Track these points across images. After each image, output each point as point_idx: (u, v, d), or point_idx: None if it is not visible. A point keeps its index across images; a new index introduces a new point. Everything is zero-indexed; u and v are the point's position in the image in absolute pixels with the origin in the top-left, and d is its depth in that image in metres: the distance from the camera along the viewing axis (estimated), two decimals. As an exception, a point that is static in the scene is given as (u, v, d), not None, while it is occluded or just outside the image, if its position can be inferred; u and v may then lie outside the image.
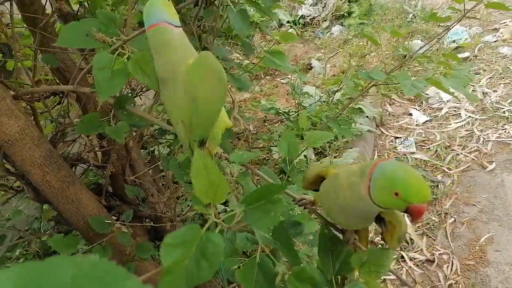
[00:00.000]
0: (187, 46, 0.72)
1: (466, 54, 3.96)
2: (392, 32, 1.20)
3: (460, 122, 3.27)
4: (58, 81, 1.28)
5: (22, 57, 1.21)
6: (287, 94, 3.69)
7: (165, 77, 0.72)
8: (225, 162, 0.94)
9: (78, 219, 1.11)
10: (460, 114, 3.35)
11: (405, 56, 1.58)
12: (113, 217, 1.39)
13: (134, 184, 1.43)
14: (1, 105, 0.89)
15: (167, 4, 0.70)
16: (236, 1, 0.98)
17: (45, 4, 1.09)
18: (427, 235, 2.43)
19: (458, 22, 1.49)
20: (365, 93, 1.34)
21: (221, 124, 0.76)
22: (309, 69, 4.17)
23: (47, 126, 1.41)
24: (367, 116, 3.20)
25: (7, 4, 1.00)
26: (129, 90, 1.52)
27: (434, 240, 2.39)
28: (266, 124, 3.14)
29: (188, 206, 1.86)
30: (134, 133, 1.34)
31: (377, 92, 2.60)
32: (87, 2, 1.21)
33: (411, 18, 4.84)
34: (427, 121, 3.37)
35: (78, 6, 1.21)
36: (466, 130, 3.16)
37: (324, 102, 2.97)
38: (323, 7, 5.02)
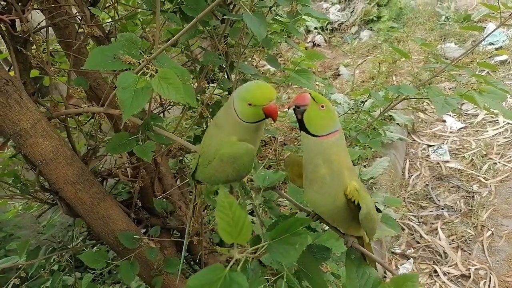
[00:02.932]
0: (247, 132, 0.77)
1: (504, 57, 3.78)
2: (422, 44, 1.16)
3: (498, 129, 3.12)
4: (90, 99, 1.33)
5: (57, 74, 1.26)
6: (315, 101, 3.65)
7: (215, 127, 0.81)
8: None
9: (107, 233, 1.14)
10: (497, 120, 3.20)
11: (437, 63, 1.52)
12: (142, 229, 1.42)
13: (162, 198, 1.45)
14: (37, 127, 0.93)
15: (245, 105, 0.73)
16: (252, 4, 0.97)
17: (78, 28, 1.14)
18: (462, 248, 2.33)
19: (496, 29, 1.42)
20: (395, 105, 1.30)
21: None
22: (338, 75, 4.12)
23: (79, 141, 1.46)
24: (398, 124, 3.12)
25: (43, 30, 1.05)
26: (158, 105, 1.55)
27: (469, 254, 2.29)
28: (293, 132, 3.12)
29: (214, 217, 1.87)
30: (163, 148, 1.36)
31: (408, 106, 2.53)
32: (118, 23, 1.25)
33: (444, 21, 4.68)
34: (462, 128, 3.24)
35: (109, 27, 1.25)
36: (504, 138, 3.01)
37: (352, 109, 2.92)
38: (351, 12, 4.95)
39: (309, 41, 4.96)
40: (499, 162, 2.82)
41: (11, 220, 2.20)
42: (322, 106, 0.70)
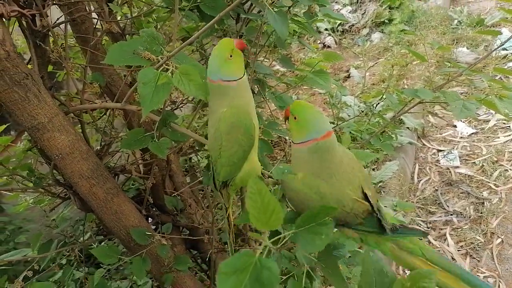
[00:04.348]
0: (237, 95, 0.78)
1: (517, 62, 3.74)
2: (439, 48, 1.15)
3: (509, 135, 3.08)
4: (104, 94, 1.33)
5: (72, 70, 1.27)
6: (324, 103, 3.64)
7: (210, 116, 0.81)
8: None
9: (120, 229, 1.14)
10: (509, 127, 3.16)
11: (452, 67, 1.51)
12: (152, 226, 1.43)
13: (173, 195, 1.46)
14: (55, 121, 0.94)
15: (226, 60, 0.76)
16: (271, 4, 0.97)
17: (96, 23, 1.14)
18: (470, 255, 2.30)
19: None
20: (410, 109, 1.29)
21: (251, 171, 0.83)
22: (347, 77, 4.10)
23: (92, 136, 1.47)
24: (408, 127, 3.10)
25: (62, 25, 1.06)
26: (170, 103, 1.55)
27: (478, 261, 2.26)
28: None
29: (223, 216, 1.88)
30: (175, 146, 1.37)
31: (423, 110, 2.50)
32: (133, 21, 1.26)
33: (456, 25, 4.64)
34: (472, 133, 3.21)
35: (125, 24, 1.25)
36: (516, 145, 2.98)
37: (362, 112, 2.91)
38: (363, 14, 4.93)
39: (319, 42, 4.94)
40: (510, 169, 2.79)
41: (20, 213, 2.22)
42: (295, 118, 0.75)
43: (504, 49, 3.92)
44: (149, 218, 1.48)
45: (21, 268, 1.78)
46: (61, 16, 1.09)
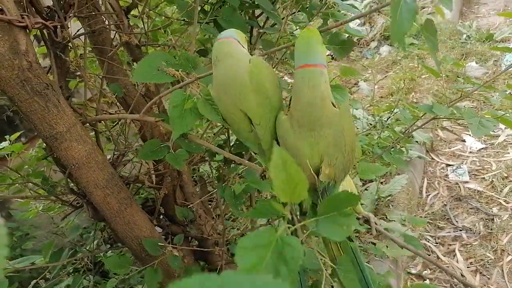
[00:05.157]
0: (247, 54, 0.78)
1: (526, 78, 3.73)
2: (454, 63, 1.15)
3: (520, 151, 3.06)
4: (119, 104, 1.34)
5: (90, 80, 1.29)
6: (332, 115, 3.64)
7: (226, 82, 0.74)
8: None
9: (132, 239, 1.14)
10: (519, 142, 3.14)
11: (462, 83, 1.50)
12: (163, 236, 1.42)
13: (184, 205, 1.46)
14: (73, 131, 0.94)
15: (239, 32, 0.79)
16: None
17: (114, 35, 1.16)
18: (480, 272, 2.27)
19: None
20: (424, 125, 1.29)
21: None
22: (356, 90, 4.11)
23: (105, 146, 1.48)
24: (416, 141, 3.08)
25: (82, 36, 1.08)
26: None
27: (488, 278, 2.22)
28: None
29: (232, 227, 1.87)
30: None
31: (437, 125, 2.50)
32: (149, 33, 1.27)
33: (465, 39, 4.65)
34: (482, 148, 3.19)
35: (141, 36, 1.27)
36: (526, 161, 2.95)
37: (370, 124, 2.90)
38: (371, 27, 4.96)
39: (327, 54, 4.97)
40: (520, 185, 2.76)
41: (28, 219, 2.22)
42: (301, 41, 0.73)
43: (514, 64, 3.92)
44: (161, 229, 1.48)
45: (26, 275, 1.77)
46: (80, 28, 1.11)
